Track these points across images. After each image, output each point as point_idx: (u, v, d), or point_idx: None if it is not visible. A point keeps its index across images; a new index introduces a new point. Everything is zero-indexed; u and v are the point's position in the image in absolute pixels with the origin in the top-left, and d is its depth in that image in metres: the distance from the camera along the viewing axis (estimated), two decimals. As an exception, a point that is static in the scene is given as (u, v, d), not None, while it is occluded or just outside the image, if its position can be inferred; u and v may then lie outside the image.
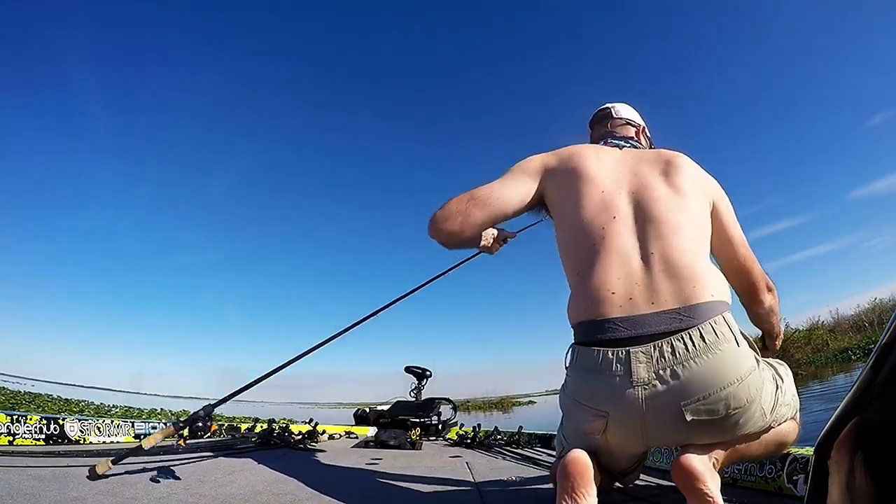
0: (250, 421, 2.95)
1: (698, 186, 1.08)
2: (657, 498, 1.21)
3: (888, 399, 0.51)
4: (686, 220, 1.01)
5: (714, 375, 0.85)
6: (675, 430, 0.89)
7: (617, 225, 1.00)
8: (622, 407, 0.88)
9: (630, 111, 1.38)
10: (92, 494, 1.04)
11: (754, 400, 0.89)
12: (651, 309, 0.90)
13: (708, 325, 0.87)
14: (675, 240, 0.96)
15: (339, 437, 2.97)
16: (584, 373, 0.94)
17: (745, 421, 0.90)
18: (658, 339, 0.87)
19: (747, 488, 1.30)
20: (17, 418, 1.74)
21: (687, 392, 0.85)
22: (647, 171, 1.09)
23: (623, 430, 0.90)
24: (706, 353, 0.85)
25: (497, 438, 2.63)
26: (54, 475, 1.20)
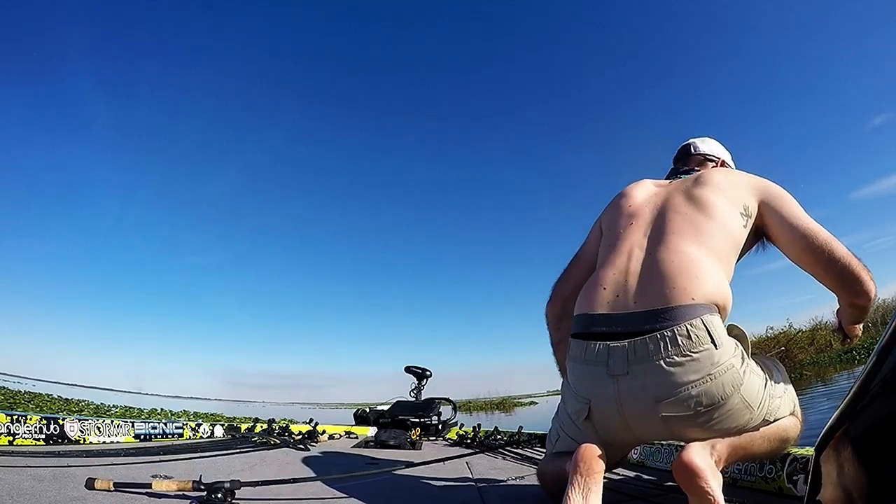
0: (250, 421, 2.95)
1: (726, 194, 1.10)
2: (657, 498, 1.21)
3: (888, 399, 0.51)
4: (697, 223, 1.05)
5: (684, 374, 0.89)
6: (652, 423, 0.94)
7: (632, 230, 1.11)
8: (601, 397, 0.97)
9: (712, 146, 1.39)
10: (92, 494, 1.04)
11: (730, 396, 0.91)
12: (634, 308, 0.97)
13: (684, 326, 0.91)
14: (676, 242, 1.01)
15: (339, 437, 2.97)
16: (572, 362, 1.04)
17: (724, 415, 0.92)
18: (635, 337, 0.93)
19: (747, 488, 1.30)
20: (17, 418, 1.74)
21: (659, 388, 0.91)
22: (680, 188, 1.17)
23: (604, 419, 0.98)
24: (679, 353, 0.90)
25: (497, 438, 2.63)
26: (54, 475, 1.20)
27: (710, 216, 1.06)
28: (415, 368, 3.34)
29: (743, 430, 0.95)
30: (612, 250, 1.10)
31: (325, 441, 2.69)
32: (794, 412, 1.06)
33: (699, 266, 0.98)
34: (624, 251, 1.07)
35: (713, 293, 0.96)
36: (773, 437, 1.00)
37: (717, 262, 1.01)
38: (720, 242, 1.04)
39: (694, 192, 1.11)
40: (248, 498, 1.14)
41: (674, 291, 0.94)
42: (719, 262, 1.02)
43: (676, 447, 1.68)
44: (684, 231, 1.04)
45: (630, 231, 1.11)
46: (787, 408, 1.04)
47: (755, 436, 0.97)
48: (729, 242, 1.06)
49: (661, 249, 1.01)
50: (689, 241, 1.02)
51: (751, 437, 0.97)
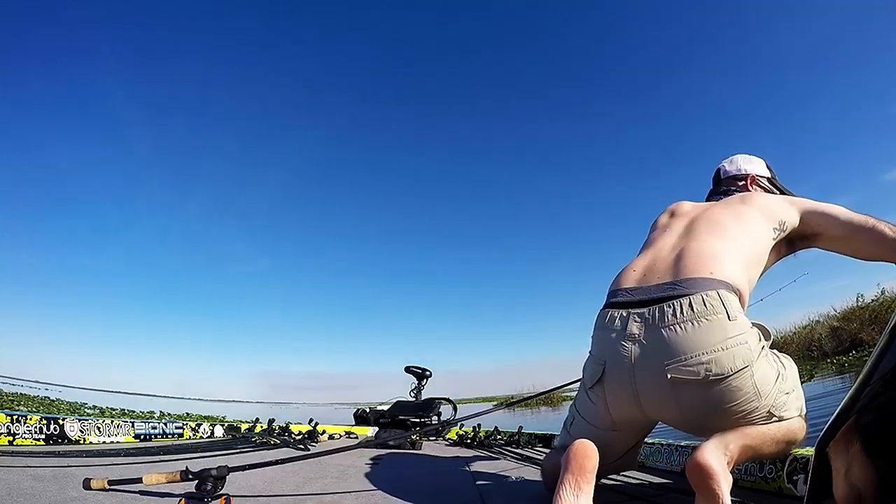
0: (250, 422, 2.95)
1: (763, 211, 1.18)
2: (657, 498, 1.21)
3: (888, 398, 0.51)
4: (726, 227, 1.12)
5: (697, 340, 0.92)
6: (662, 390, 0.95)
7: (666, 233, 1.20)
8: (616, 358, 1.00)
9: (739, 163, 1.44)
10: (91, 494, 1.04)
11: (740, 371, 0.91)
12: (657, 282, 1.04)
13: (699, 295, 0.95)
14: (707, 237, 1.09)
15: (339, 437, 2.97)
16: (596, 329, 1.10)
17: (733, 392, 0.92)
18: (654, 305, 0.99)
19: (747, 488, 1.30)
20: (17, 418, 1.74)
21: (671, 352, 0.94)
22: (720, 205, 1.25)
23: (617, 382, 1.01)
24: (693, 319, 0.93)
25: (497, 438, 2.63)
26: (54, 475, 1.20)
27: (742, 224, 1.14)
28: (415, 368, 3.34)
29: (748, 417, 0.94)
30: (648, 245, 1.20)
31: (325, 441, 2.69)
32: (802, 414, 1.05)
33: (722, 253, 1.05)
34: (657, 244, 1.16)
35: (732, 277, 1.01)
36: (782, 439, 1.00)
37: (740, 259, 1.07)
38: (746, 246, 1.11)
39: (737, 207, 1.21)
40: (248, 498, 1.14)
41: (696, 266, 1.01)
42: (742, 260, 1.07)
43: (677, 447, 1.68)
44: (714, 231, 1.12)
45: (665, 234, 1.20)
46: (795, 407, 1.03)
47: (766, 437, 0.97)
48: (754, 248, 1.13)
49: (691, 242, 1.10)
50: (716, 237, 1.09)
51: (762, 438, 0.96)
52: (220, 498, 1.05)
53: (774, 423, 0.97)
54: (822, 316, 10.16)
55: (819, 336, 9.45)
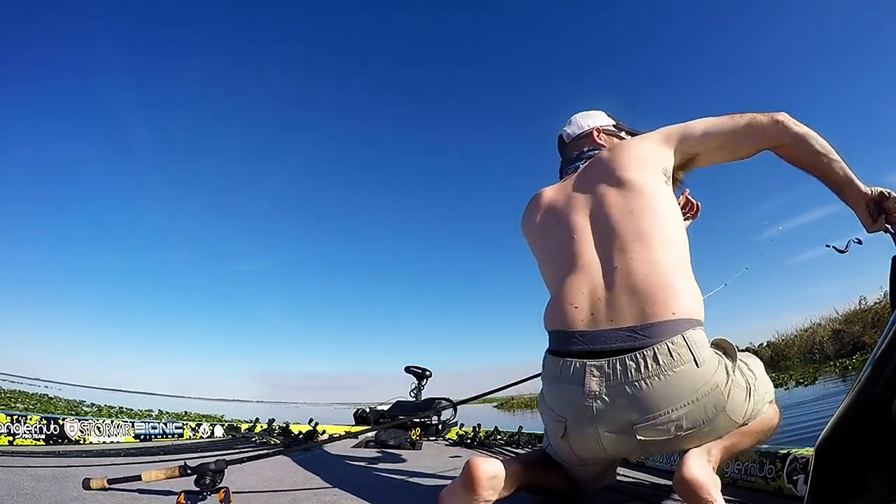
0: (250, 422, 2.95)
1: (647, 163, 1.05)
2: (657, 498, 1.21)
3: (888, 399, 0.51)
4: (647, 219, 0.98)
5: (665, 397, 0.85)
6: (629, 446, 0.90)
7: (578, 243, 1.03)
8: (577, 416, 0.92)
9: (579, 120, 1.28)
10: (91, 494, 1.04)
11: (713, 419, 0.88)
12: (610, 325, 0.91)
13: (664, 345, 0.85)
14: (638, 250, 0.95)
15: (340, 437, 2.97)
16: (549, 380, 0.99)
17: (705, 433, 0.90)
18: (613, 356, 0.88)
19: (747, 488, 1.30)
20: (17, 418, 1.74)
21: (637, 411, 0.86)
22: (597, 180, 1.08)
23: (580, 437, 0.93)
24: (659, 374, 0.84)
25: (497, 438, 2.63)
26: (54, 475, 1.20)
27: (654, 200, 1.00)
28: (414, 368, 3.34)
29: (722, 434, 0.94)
30: (566, 264, 1.03)
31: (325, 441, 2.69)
32: (771, 400, 1.03)
33: (672, 274, 0.92)
34: (584, 266, 0.99)
35: (692, 304, 0.91)
36: (760, 431, 0.99)
37: (676, 257, 0.96)
38: (674, 226, 1.00)
39: (622, 178, 1.03)
40: (248, 498, 1.14)
41: (654, 307, 0.88)
42: (678, 256, 0.97)
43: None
44: (641, 232, 0.97)
45: (578, 244, 1.03)
46: (765, 402, 1.01)
47: (744, 434, 0.96)
48: (675, 219, 1.02)
49: (626, 259, 0.95)
50: (648, 245, 0.95)
51: (740, 437, 0.96)
52: (219, 491, 1.06)
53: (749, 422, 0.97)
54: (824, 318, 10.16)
55: (821, 339, 9.43)
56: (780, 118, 1.04)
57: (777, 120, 1.04)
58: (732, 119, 1.06)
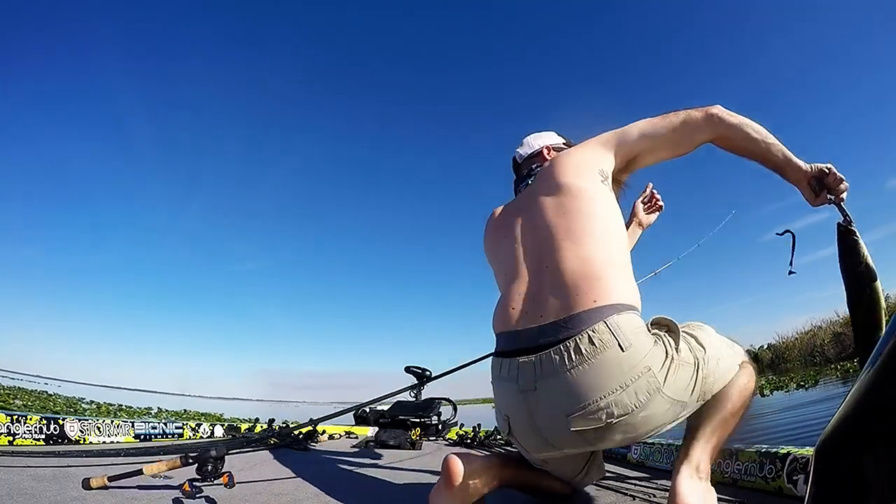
0: (250, 421, 2.95)
1: (583, 167, 1.07)
2: (657, 498, 1.21)
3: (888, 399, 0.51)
4: (579, 219, 0.99)
5: (591, 386, 0.84)
6: (569, 438, 0.88)
7: (518, 251, 1.07)
8: (515, 413, 0.95)
9: (531, 141, 1.30)
10: (91, 494, 1.04)
11: (647, 402, 0.85)
12: (539, 322, 0.93)
13: (585, 334, 0.85)
14: (569, 248, 0.96)
15: (339, 437, 2.97)
16: (493, 380, 1.03)
17: (647, 417, 0.86)
18: (542, 351, 0.89)
19: (747, 488, 1.30)
20: (17, 418, 1.74)
21: (567, 402, 0.86)
22: (538, 191, 1.11)
23: (523, 434, 0.96)
24: (582, 363, 0.85)
25: (497, 438, 2.63)
26: (54, 475, 1.20)
27: (588, 200, 1.02)
28: (415, 368, 3.34)
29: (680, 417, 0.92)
30: (504, 269, 1.09)
31: (325, 441, 2.69)
32: (740, 362, 0.99)
33: (598, 266, 0.93)
34: (521, 271, 1.03)
35: (616, 290, 0.91)
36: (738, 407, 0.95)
37: (606, 250, 0.96)
38: (607, 223, 1.01)
39: (557, 184, 1.05)
40: (248, 498, 1.14)
41: (577, 298, 0.90)
42: (608, 249, 0.97)
43: (677, 447, 1.68)
44: (571, 230, 0.99)
45: (517, 251, 1.07)
46: (729, 370, 0.97)
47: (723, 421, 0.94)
48: (611, 216, 1.02)
49: (556, 257, 0.97)
50: (576, 241, 0.97)
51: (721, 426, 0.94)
52: (222, 476, 1.07)
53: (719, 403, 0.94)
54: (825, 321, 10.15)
55: (822, 341, 9.43)
56: (713, 111, 1.06)
57: (711, 113, 1.06)
58: (667, 118, 1.09)
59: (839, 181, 0.99)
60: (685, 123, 1.07)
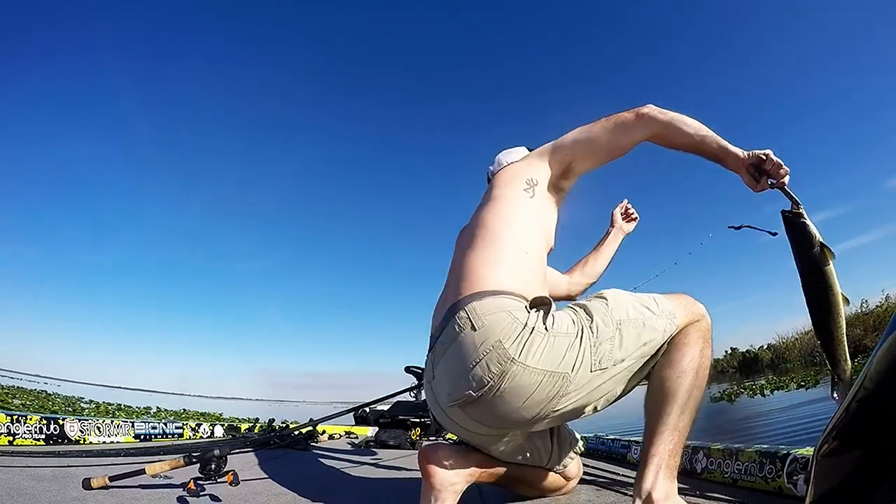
0: (250, 421, 2.95)
1: (512, 178, 1.15)
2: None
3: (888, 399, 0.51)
4: (489, 226, 1.08)
5: (455, 367, 0.92)
6: (463, 418, 0.95)
7: (452, 261, 1.16)
8: (431, 403, 1.04)
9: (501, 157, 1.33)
10: (92, 494, 1.04)
11: (504, 373, 0.86)
12: (440, 318, 1.03)
13: (452, 321, 0.94)
14: (471, 252, 1.06)
15: (339, 437, 2.97)
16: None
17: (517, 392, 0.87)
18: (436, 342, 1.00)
19: (747, 488, 1.30)
20: (17, 418, 1.74)
21: (448, 383, 0.94)
22: (480, 202, 1.20)
23: (441, 420, 1.03)
24: (448, 347, 0.94)
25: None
26: (54, 475, 1.20)
27: (495, 209, 1.10)
28: (415, 368, 3.33)
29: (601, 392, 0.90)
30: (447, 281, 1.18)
31: (325, 441, 2.69)
32: (679, 323, 0.94)
33: (483, 263, 1.01)
34: (448, 278, 1.14)
35: (485, 279, 0.98)
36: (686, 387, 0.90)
37: (496, 249, 1.03)
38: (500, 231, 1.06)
39: (490, 195, 1.16)
40: (248, 498, 1.14)
41: (455, 294, 0.99)
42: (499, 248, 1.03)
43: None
44: (474, 235, 1.08)
45: (452, 261, 1.17)
46: (660, 331, 0.92)
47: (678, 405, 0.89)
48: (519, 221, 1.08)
49: (460, 263, 1.06)
50: (475, 246, 1.05)
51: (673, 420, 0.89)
52: (227, 475, 1.08)
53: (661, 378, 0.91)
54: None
55: (822, 342, 9.46)
56: (644, 111, 1.09)
57: (642, 113, 1.09)
58: (600, 123, 1.13)
59: (777, 166, 0.98)
60: (617, 126, 1.11)
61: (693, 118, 1.07)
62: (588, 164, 1.16)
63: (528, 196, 1.12)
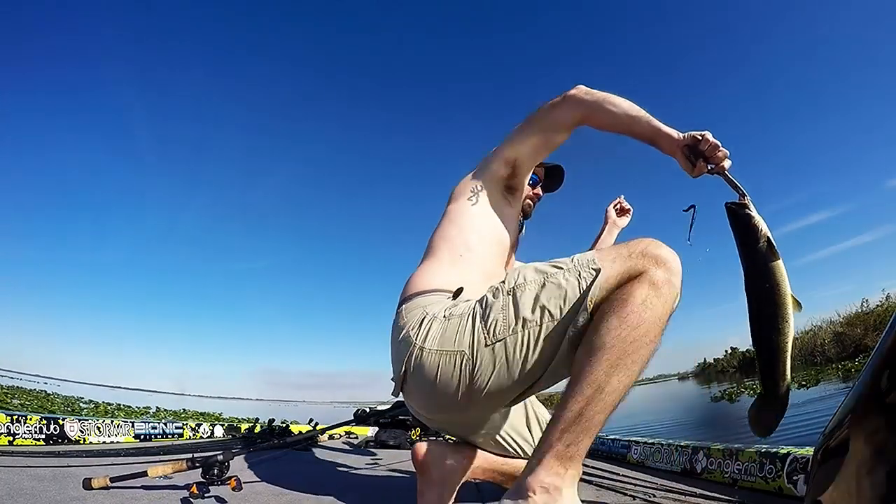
0: (250, 421, 2.95)
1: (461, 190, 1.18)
2: (657, 498, 1.21)
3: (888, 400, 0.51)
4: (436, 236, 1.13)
5: (391, 358, 1.00)
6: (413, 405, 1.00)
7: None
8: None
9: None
10: (92, 494, 1.04)
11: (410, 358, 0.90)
12: None
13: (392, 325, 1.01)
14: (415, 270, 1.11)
15: (339, 437, 2.97)
16: None
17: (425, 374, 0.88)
18: None
19: (747, 488, 1.30)
20: (17, 418, 1.74)
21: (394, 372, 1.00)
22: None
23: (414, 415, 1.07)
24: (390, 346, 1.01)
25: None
26: (54, 475, 1.20)
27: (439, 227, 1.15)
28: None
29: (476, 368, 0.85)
30: None
31: (325, 441, 2.69)
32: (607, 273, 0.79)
33: (418, 272, 1.08)
34: None
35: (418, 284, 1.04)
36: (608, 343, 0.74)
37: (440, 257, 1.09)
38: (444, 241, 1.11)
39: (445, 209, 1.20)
40: (249, 498, 1.14)
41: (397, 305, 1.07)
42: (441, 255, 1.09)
43: (677, 447, 1.68)
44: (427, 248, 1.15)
45: None
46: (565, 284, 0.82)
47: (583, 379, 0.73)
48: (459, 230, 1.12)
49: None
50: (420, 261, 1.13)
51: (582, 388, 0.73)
52: (230, 480, 1.08)
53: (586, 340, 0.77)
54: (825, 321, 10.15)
55: (822, 341, 9.43)
56: (571, 93, 1.07)
57: (569, 96, 1.07)
58: (532, 116, 1.13)
59: (714, 148, 0.90)
60: (548, 114, 1.10)
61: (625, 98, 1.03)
62: (530, 156, 1.16)
63: (471, 204, 1.15)
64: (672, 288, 0.78)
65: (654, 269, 0.78)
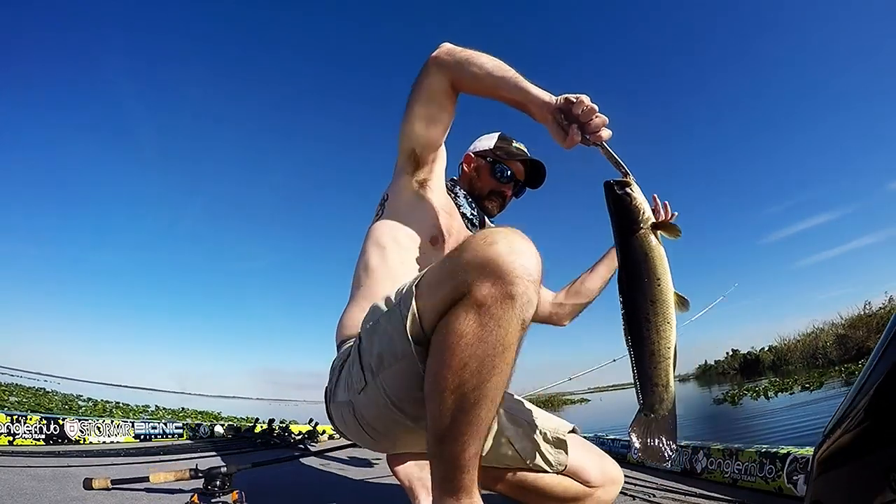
0: (250, 420, 2.95)
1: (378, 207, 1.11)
2: (657, 498, 1.21)
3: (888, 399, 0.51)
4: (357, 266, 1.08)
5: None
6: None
7: None
8: None
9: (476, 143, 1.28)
10: (92, 494, 1.04)
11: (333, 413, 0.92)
12: None
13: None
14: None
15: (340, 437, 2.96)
16: None
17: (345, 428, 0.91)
18: None
19: (747, 488, 1.30)
20: (17, 418, 1.74)
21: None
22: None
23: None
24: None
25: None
26: (54, 475, 1.20)
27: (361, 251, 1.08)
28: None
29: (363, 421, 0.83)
30: None
31: (326, 441, 2.69)
32: (422, 302, 0.67)
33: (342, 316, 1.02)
34: None
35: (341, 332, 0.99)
36: (441, 387, 0.61)
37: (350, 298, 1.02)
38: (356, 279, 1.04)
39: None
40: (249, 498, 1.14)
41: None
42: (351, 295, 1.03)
43: (677, 448, 1.68)
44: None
45: None
46: (388, 329, 0.73)
47: (436, 412, 0.63)
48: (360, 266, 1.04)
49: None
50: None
51: (433, 444, 0.64)
52: (232, 492, 1.07)
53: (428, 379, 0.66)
54: (827, 324, 10.14)
55: (824, 343, 9.41)
56: (433, 55, 0.94)
57: (433, 57, 0.94)
58: (410, 97, 1.00)
59: (590, 112, 0.77)
60: (419, 85, 0.97)
61: (495, 56, 0.90)
62: (430, 141, 1.03)
63: (377, 219, 1.07)
64: (508, 302, 0.60)
65: (478, 284, 0.60)
